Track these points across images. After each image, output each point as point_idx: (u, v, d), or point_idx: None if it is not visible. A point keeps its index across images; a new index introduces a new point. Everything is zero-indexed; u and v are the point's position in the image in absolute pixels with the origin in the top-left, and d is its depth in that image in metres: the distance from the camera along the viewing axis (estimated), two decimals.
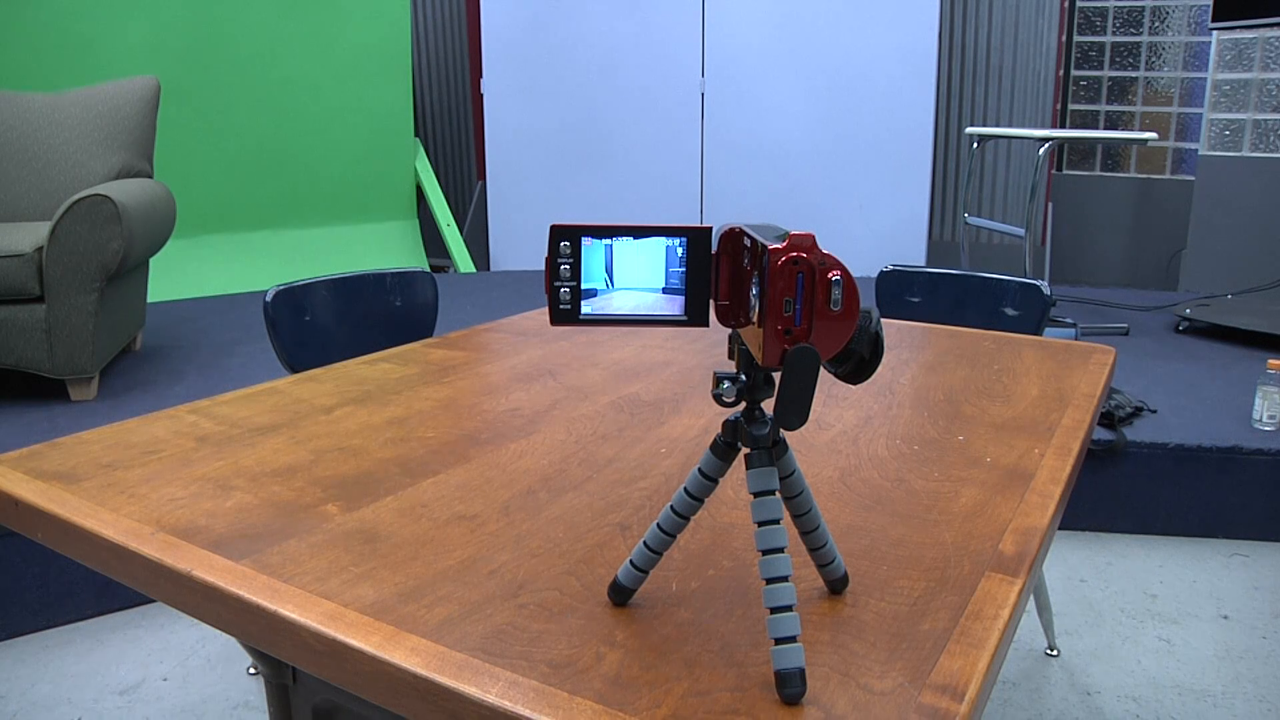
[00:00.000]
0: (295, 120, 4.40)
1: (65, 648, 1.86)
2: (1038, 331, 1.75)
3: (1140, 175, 4.65)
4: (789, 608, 0.54)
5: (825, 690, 0.54)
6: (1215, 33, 4.05)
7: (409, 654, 0.57)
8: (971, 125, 4.57)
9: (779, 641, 0.53)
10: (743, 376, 0.55)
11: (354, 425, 1.00)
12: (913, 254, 4.39)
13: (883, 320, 0.53)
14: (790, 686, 0.53)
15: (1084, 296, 4.03)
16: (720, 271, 0.53)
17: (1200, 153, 4.21)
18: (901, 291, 1.95)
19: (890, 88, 4.23)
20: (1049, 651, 1.93)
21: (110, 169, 2.92)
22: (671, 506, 0.60)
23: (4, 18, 3.69)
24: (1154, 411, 2.59)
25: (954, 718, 0.52)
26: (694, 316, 0.53)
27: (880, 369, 0.53)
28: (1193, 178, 4.32)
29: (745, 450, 0.57)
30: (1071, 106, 4.72)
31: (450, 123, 5.69)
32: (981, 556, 0.70)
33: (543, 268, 0.53)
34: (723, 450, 0.58)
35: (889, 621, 0.61)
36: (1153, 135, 3.35)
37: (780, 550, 0.55)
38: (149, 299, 3.74)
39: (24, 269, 2.36)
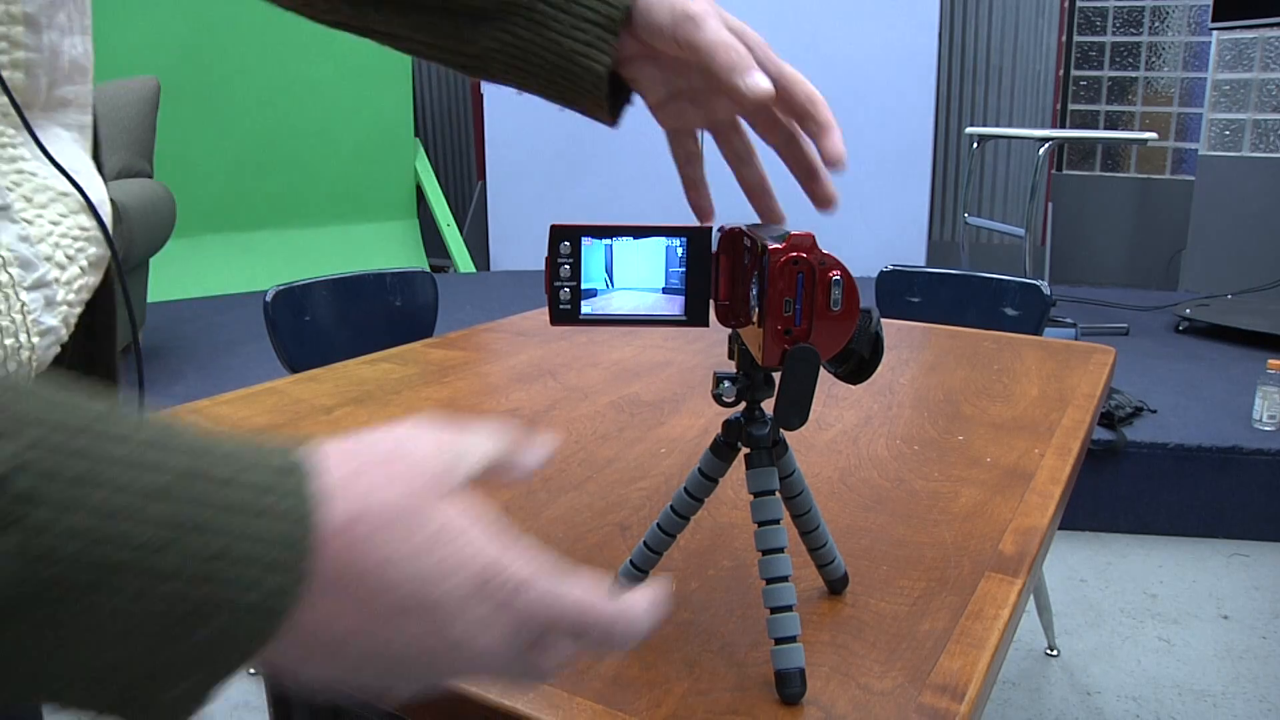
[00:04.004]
0: (295, 120, 4.40)
1: None
2: (1038, 331, 1.75)
3: (1140, 175, 4.65)
4: (789, 608, 0.54)
5: (825, 690, 0.54)
6: (1215, 33, 4.05)
7: None
8: (971, 125, 4.57)
9: (779, 641, 0.53)
10: (743, 376, 0.55)
11: (354, 425, 1.00)
12: (913, 254, 4.39)
13: (883, 320, 0.53)
14: (790, 686, 0.53)
15: (1084, 296, 4.03)
16: (720, 271, 0.53)
17: (1200, 153, 4.21)
18: (901, 291, 1.95)
19: (890, 88, 4.23)
20: (1049, 651, 1.93)
21: (110, 169, 2.92)
22: (671, 506, 0.60)
23: None
24: (1154, 411, 2.59)
25: (954, 718, 0.52)
26: (694, 316, 0.53)
27: (880, 369, 0.53)
28: (1193, 178, 4.32)
29: (745, 450, 0.57)
30: (1071, 106, 4.72)
31: (450, 123, 5.69)
32: (981, 556, 0.70)
33: (543, 268, 0.52)
34: (723, 450, 0.58)
35: (889, 621, 0.61)
36: (1153, 135, 3.35)
37: (780, 550, 0.55)
38: (149, 299, 3.74)
39: None
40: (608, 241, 0.52)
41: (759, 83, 0.48)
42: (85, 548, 0.25)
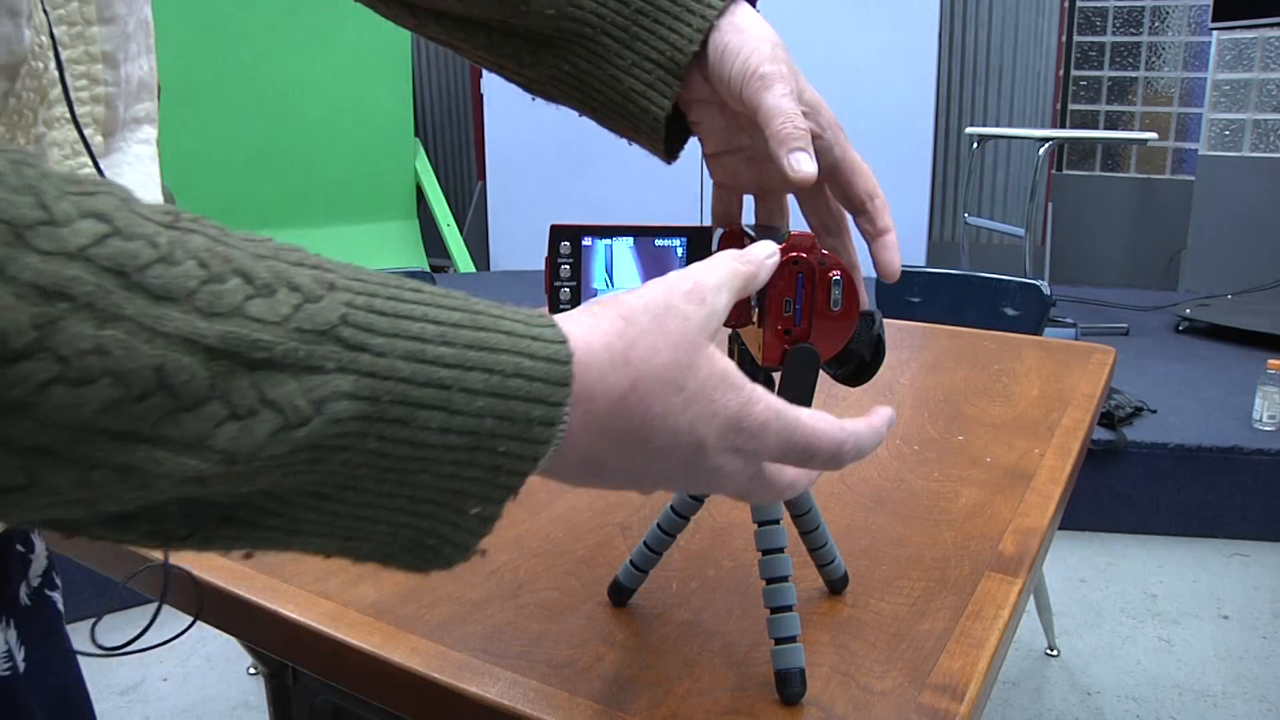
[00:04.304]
0: (295, 120, 4.40)
1: None
2: (1038, 331, 1.76)
3: (1140, 175, 4.64)
4: (789, 608, 0.54)
5: (825, 690, 0.54)
6: (1215, 33, 4.05)
7: (409, 654, 0.57)
8: (971, 125, 4.57)
9: (779, 641, 0.53)
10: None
11: None
12: (913, 254, 4.38)
13: (883, 320, 0.53)
14: (790, 686, 0.53)
15: (1084, 296, 4.03)
16: None
17: (1200, 153, 4.21)
18: (901, 292, 1.95)
19: (890, 88, 4.23)
20: (1049, 651, 1.93)
21: None
22: (671, 506, 0.61)
23: None
24: (1154, 411, 2.59)
25: (954, 718, 0.52)
26: None
27: (880, 369, 0.53)
28: (1193, 178, 4.31)
29: None
30: (1071, 106, 4.72)
31: (450, 123, 5.69)
32: (981, 556, 0.70)
33: (543, 268, 0.52)
34: None
35: (889, 621, 0.61)
36: (1153, 135, 3.35)
37: (780, 550, 0.55)
38: None
39: None
40: (608, 241, 0.52)
41: (802, 164, 0.45)
42: (402, 384, 0.29)
